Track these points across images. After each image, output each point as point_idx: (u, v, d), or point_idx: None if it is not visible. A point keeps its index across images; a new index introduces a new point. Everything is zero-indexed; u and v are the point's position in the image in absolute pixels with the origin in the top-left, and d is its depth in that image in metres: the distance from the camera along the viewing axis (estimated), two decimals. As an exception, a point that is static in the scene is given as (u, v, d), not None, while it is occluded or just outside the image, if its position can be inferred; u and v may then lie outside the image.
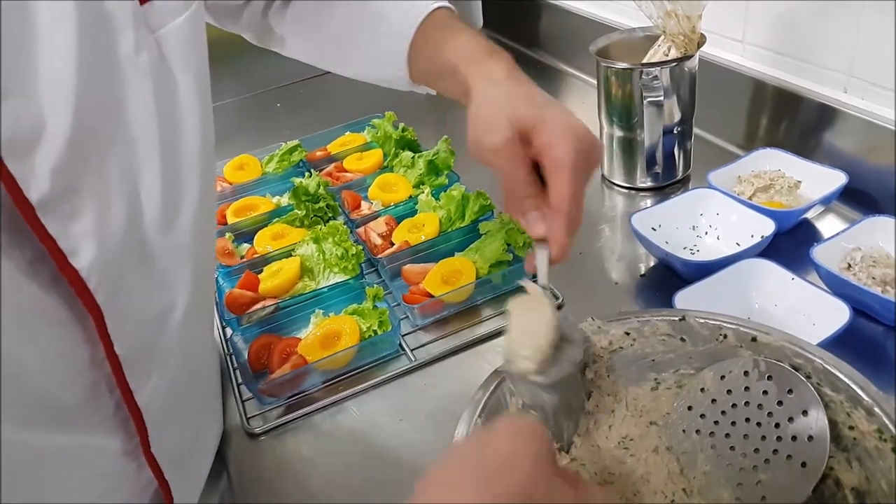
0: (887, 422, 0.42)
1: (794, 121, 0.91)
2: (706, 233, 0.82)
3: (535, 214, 0.52)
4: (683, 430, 0.52)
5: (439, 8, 0.64)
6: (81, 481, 0.47)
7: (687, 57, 0.86)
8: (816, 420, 0.46)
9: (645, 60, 0.91)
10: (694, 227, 0.83)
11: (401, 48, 0.64)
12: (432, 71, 0.64)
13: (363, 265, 0.84)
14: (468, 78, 0.57)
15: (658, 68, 0.86)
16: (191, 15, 0.49)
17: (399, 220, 0.91)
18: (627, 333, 0.54)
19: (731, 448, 0.49)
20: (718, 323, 0.51)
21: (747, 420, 0.49)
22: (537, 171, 0.52)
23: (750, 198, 0.83)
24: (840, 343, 0.60)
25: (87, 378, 0.45)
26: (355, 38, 0.68)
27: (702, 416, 0.51)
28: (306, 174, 1.01)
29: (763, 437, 0.48)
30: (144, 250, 0.47)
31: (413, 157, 1.02)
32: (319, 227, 0.89)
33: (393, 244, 0.88)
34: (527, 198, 0.52)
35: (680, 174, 0.95)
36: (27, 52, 0.38)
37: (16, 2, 0.37)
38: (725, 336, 0.51)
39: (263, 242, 0.91)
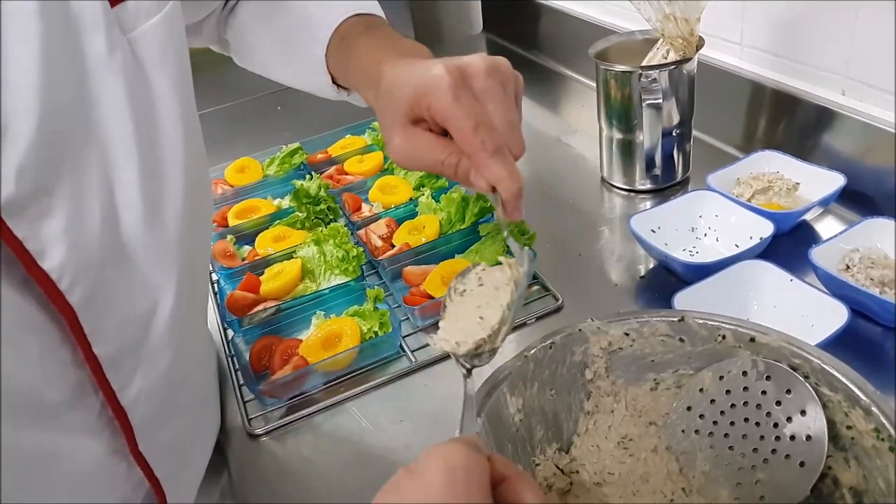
0: (885, 421, 0.42)
1: (792, 123, 0.92)
2: (705, 234, 0.83)
3: (473, 172, 0.48)
4: (682, 430, 0.52)
5: (359, 15, 0.64)
6: (69, 479, 0.47)
7: (685, 59, 0.87)
8: (815, 419, 0.46)
9: (644, 63, 0.92)
10: (693, 228, 0.83)
11: (320, 52, 0.64)
12: (349, 80, 0.63)
13: (364, 267, 0.84)
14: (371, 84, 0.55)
15: (657, 71, 0.86)
16: (165, 16, 0.49)
17: (399, 222, 0.92)
18: (627, 334, 0.54)
19: (730, 448, 0.49)
20: (717, 323, 0.52)
21: (746, 420, 0.49)
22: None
23: (749, 199, 0.84)
24: (838, 344, 0.60)
25: (72, 378, 0.45)
26: (285, 44, 0.68)
27: (701, 416, 0.51)
28: (307, 177, 1.01)
29: (762, 437, 0.48)
30: (124, 250, 0.47)
31: (413, 160, 1.02)
32: (320, 229, 0.90)
33: (393, 246, 0.88)
34: (458, 166, 0.49)
35: (679, 176, 0.95)
36: None
37: None
38: (724, 336, 0.51)
39: (264, 244, 0.91)
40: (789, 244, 0.79)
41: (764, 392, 0.49)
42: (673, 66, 0.86)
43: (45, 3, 0.40)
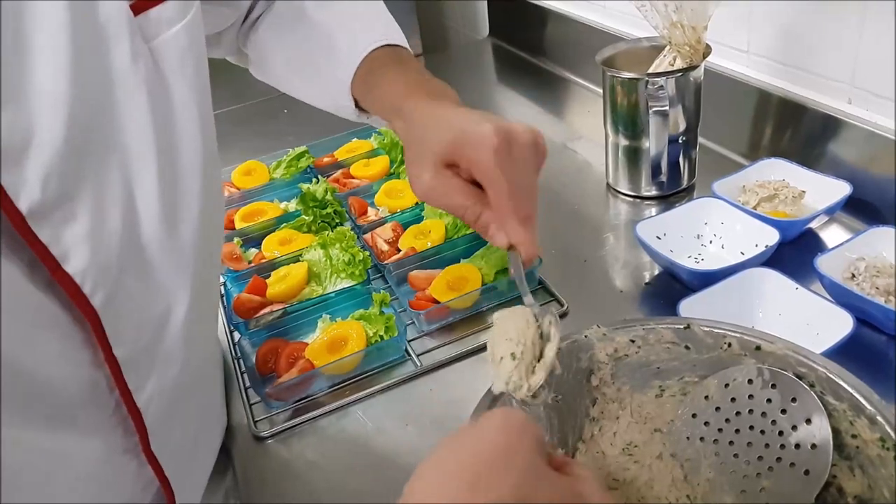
0: (889, 430, 0.42)
1: (798, 131, 0.92)
2: (710, 242, 0.83)
3: (494, 227, 0.53)
4: (687, 438, 0.52)
5: (386, 46, 0.65)
6: (81, 477, 0.48)
7: (692, 67, 0.87)
8: (820, 428, 0.46)
9: (650, 70, 0.92)
10: (698, 235, 0.83)
11: (345, 78, 0.65)
12: (374, 108, 0.65)
13: (370, 271, 0.84)
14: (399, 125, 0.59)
15: (664, 78, 0.86)
16: (187, 24, 0.50)
17: (405, 226, 0.92)
18: (632, 341, 0.55)
19: (735, 455, 0.50)
20: (723, 331, 0.52)
21: (751, 428, 0.49)
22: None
23: (754, 207, 0.84)
24: (843, 352, 0.61)
25: (88, 378, 0.46)
26: (307, 64, 0.69)
27: (706, 423, 0.52)
28: (314, 180, 1.01)
29: (767, 445, 0.48)
30: (143, 255, 0.47)
31: (419, 164, 1.02)
32: (326, 232, 0.90)
33: (399, 250, 0.89)
34: (480, 216, 0.53)
35: (685, 183, 0.95)
36: (21, 63, 0.38)
37: (11, 14, 0.37)
38: (730, 344, 0.51)
39: (271, 247, 0.92)
40: (794, 252, 0.79)
41: (769, 400, 0.49)
42: (680, 74, 0.87)
43: (75, 14, 0.40)
